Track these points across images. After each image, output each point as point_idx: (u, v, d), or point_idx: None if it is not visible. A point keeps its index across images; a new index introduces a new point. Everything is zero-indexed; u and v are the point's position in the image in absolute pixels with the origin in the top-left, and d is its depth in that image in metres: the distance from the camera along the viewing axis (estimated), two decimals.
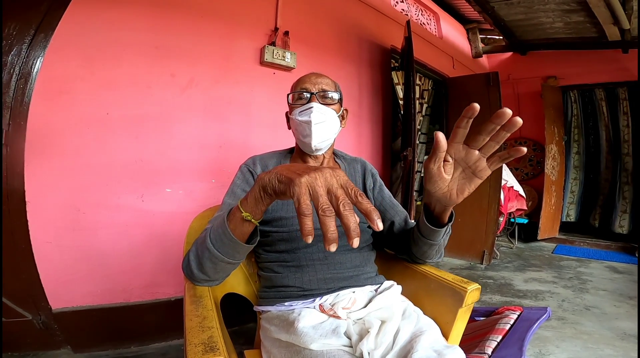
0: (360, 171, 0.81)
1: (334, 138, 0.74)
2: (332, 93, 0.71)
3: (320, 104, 0.69)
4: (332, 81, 0.74)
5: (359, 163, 0.82)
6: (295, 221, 0.67)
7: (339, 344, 0.55)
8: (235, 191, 0.69)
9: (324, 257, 0.67)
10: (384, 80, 2.21)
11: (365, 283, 0.68)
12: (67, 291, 1.13)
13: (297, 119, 0.70)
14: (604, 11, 2.34)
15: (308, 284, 0.65)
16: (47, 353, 1.13)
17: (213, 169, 1.40)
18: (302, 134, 0.71)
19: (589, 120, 3.38)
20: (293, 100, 0.72)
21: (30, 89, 1.06)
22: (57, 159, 1.11)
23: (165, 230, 1.27)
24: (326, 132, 0.70)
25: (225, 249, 0.50)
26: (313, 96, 0.69)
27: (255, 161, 0.74)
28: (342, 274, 0.67)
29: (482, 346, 1.13)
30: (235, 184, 0.71)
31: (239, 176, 0.72)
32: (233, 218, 0.48)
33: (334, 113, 0.71)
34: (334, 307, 0.60)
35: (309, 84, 0.71)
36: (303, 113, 0.69)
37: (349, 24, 2.00)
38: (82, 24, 1.13)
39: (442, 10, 3.03)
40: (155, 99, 1.27)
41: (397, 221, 0.75)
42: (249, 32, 1.51)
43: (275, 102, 1.56)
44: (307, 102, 0.70)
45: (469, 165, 0.49)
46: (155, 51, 1.27)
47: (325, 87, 0.71)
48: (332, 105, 0.71)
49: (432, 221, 0.59)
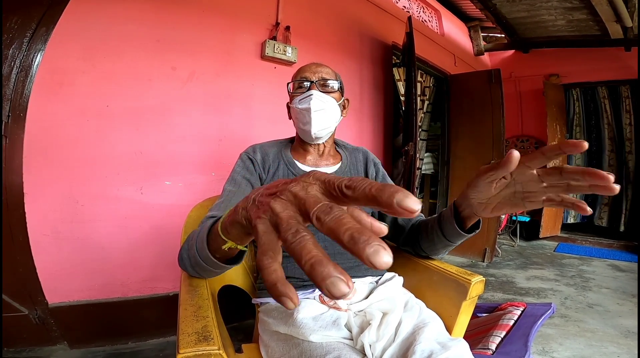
0: (362, 161, 0.80)
1: (334, 126, 0.74)
2: (332, 82, 0.71)
3: (320, 92, 0.69)
4: (332, 70, 0.74)
5: (361, 153, 0.81)
6: None
7: (339, 336, 0.53)
8: (236, 178, 0.68)
9: (324, 247, 0.65)
10: (385, 76, 2.20)
11: (366, 273, 0.67)
12: (64, 286, 1.12)
13: (297, 107, 0.70)
14: (606, 9, 2.32)
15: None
16: (43, 349, 1.11)
17: (213, 162, 1.38)
18: (301, 122, 0.70)
19: (591, 118, 3.36)
20: (293, 89, 0.73)
21: (31, 81, 1.06)
22: (56, 151, 1.10)
23: (165, 223, 1.26)
24: (326, 120, 0.70)
25: (210, 268, 0.46)
26: (313, 84, 0.70)
27: (255, 149, 0.74)
28: (342, 264, 0.64)
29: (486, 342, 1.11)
30: (235, 171, 0.70)
31: (239, 163, 0.72)
32: (214, 241, 0.40)
33: (333, 101, 0.71)
34: None
35: (309, 72, 0.71)
36: (303, 101, 0.69)
37: (350, 20, 1.99)
38: (84, 18, 1.12)
39: (443, 8, 3.02)
40: (156, 92, 1.26)
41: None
42: (250, 26, 1.50)
43: (276, 96, 1.55)
44: (307, 90, 0.70)
45: (524, 191, 0.42)
46: (157, 44, 1.26)
47: (325, 76, 0.71)
48: (332, 93, 0.71)
49: (458, 223, 0.55)
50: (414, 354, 0.47)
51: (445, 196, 2.69)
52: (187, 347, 0.40)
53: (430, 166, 3.07)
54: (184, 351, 0.40)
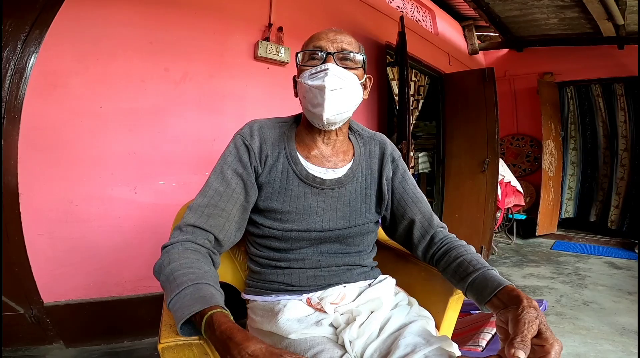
0: (378, 155, 0.65)
1: (352, 110, 0.59)
2: (356, 54, 0.57)
3: (339, 67, 0.54)
4: (355, 40, 0.59)
5: (378, 144, 0.66)
6: (290, 218, 0.58)
7: (322, 333, 0.53)
8: (226, 172, 0.56)
9: (317, 261, 0.60)
10: (379, 76, 2.22)
11: (359, 278, 0.62)
12: (59, 285, 1.13)
13: (306, 84, 0.55)
14: (597, 7, 2.34)
15: (297, 281, 0.59)
16: (39, 348, 1.12)
17: (206, 162, 1.40)
18: (311, 103, 0.55)
19: (585, 116, 3.38)
20: (303, 60, 0.58)
21: (25, 83, 1.07)
22: (50, 152, 1.11)
23: (158, 223, 1.27)
24: (343, 103, 0.55)
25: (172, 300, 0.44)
26: (330, 57, 0.55)
27: (252, 132, 0.59)
28: (334, 272, 0.61)
29: (477, 338, 1.12)
30: (225, 162, 0.57)
31: (231, 150, 0.58)
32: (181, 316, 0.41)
33: (355, 79, 0.56)
34: (321, 301, 0.56)
35: (326, 41, 0.56)
36: (315, 76, 0.54)
37: (344, 20, 2.01)
38: (77, 20, 1.14)
39: (437, 7, 3.04)
40: (149, 93, 1.28)
41: (419, 220, 0.63)
42: (243, 27, 1.52)
43: (269, 96, 1.57)
44: (321, 63, 0.55)
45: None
46: (150, 46, 1.28)
47: (346, 46, 0.56)
48: (353, 69, 0.56)
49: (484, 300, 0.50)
50: (397, 348, 0.47)
51: (441, 194, 2.70)
52: (169, 337, 0.41)
53: (427, 164, 3.09)
54: (165, 341, 0.41)
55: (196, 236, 0.52)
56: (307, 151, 0.61)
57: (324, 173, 0.61)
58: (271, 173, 0.59)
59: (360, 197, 0.63)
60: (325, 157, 0.61)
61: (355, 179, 0.63)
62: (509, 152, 3.57)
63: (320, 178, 0.60)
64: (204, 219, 0.53)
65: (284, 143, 0.60)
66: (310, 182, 0.59)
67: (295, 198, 0.59)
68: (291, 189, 0.59)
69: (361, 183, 0.63)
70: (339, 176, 0.61)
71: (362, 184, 0.63)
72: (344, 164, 0.62)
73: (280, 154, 0.59)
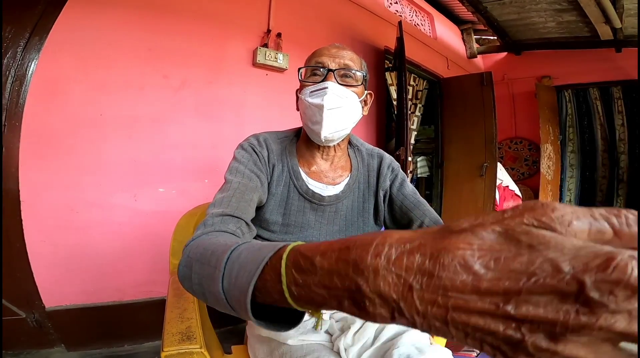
0: (376, 168, 0.66)
1: (351, 127, 0.60)
2: (356, 71, 0.57)
3: (338, 85, 0.55)
4: (357, 56, 0.60)
5: (376, 158, 0.67)
6: (289, 230, 0.59)
7: (317, 340, 0.54)
8: (244, 171, 0.55)
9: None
10: (377, 81, 2.23)
11: None
12: (61, 290, 1.14)
13: (306, 101, 0.56)
14: (594, 10, 2.35)
15: None
16: (40, 352, 1.14)
17: (206, 169, 1.41)
18: (310, 120, 0.57)
19: (583, 119, 3.39)
20: (305, 76, 0.59)
21: (25, 90, 1.08)
22: (51, 159, 1.12)
23: (159, 230, 1.28)
24: (341, 121, 0.56)
25: (236, 312, 0.29)
26: (330, 74, 0.55)
27: (260, 141, 0.60)
28: None
29: None
30: (241, 163, 0.56)
31: (242, 154, 0.58)
32: (266, 281, 0.24)
33: (354, 97, 0.57)
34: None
35: (327, 57, 0.57)
36: (315, 94, 0.55)
37: (342, 26, 2.02)
38: (76, 27, 1.15)
39: (436, 11, 3.05)
40: (149, 100, 1.29)
41: (427, 223, 0.63)
42: (241, 34, 1.53)
43: (268, 102, 1.58)
44: (322, 80, 0.56)
45: None
46: (148, 53, 1.29)
47: (347, 62, 0.57)
48: (353, 87, 0.57)
49: None
50: (390, 357, 0.48)
51: (440, 198, 2.72)
52: (171, 346, 0.44)
53: (425, 169, 3.10)
54: (168, 349, 0.43)
55: (226, 224, 0.45)
56: (307, 166, 0.63)
57: (323, 188, 0.62)
58: (276, 185, 0.60)
59: (357, 211, 0.65)
60: (323, 172, 0.63)
61: (352, 194, 0.64)
62: (507, 156, 3.58)
63: (319, 195, 0.61)
64: (233, 206, 0.48)
65: (287, 157, 0.62)
66: (310, 198, 0.61)
67: (295, 211, 0.61)
68: (291, 203, 0.61)
69: (358, 198, 0.65)
70: (337, 193, 0.63)
71: (359, 198, 0.65)
72: (341, 180, 0.64)
73: (284, 168, 0.61)
